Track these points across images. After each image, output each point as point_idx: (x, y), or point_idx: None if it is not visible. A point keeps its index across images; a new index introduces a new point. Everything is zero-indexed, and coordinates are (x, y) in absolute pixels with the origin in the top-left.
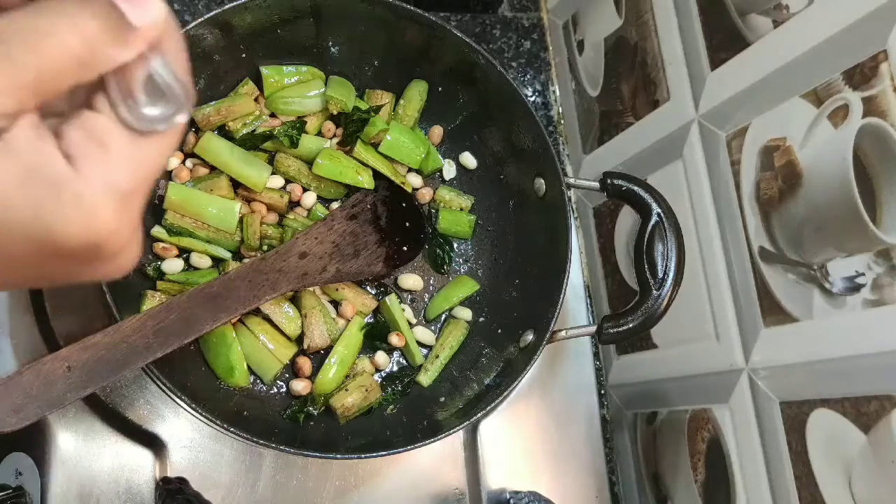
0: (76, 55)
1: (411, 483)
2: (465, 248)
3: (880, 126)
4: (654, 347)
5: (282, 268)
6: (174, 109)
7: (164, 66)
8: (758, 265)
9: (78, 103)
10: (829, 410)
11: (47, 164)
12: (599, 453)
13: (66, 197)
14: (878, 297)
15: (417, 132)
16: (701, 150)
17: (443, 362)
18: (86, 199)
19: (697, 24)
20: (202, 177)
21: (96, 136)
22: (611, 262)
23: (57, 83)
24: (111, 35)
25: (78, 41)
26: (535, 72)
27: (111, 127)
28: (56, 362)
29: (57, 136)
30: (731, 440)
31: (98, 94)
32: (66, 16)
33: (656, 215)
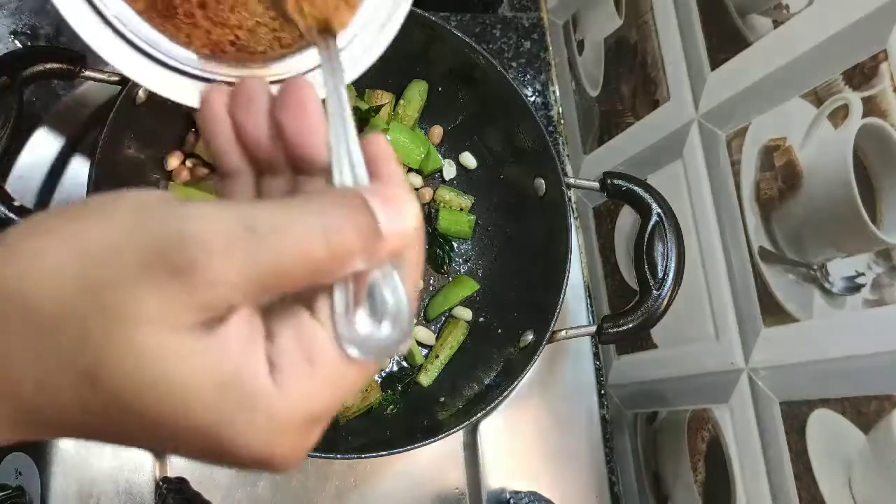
0: (317, 264)
1: (411, 483)
2: (465, 248)
3: (880, 126)
4: (654, 347)
5: None
6: (397, 335)
7: (398, 282)
8: (758, 265)
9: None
10: (830, 410)
11: (251, 376)
12: (599, 453)
13: (259, 415)
14: (878, 297)
15: (417, 132)
16: (701, 150)
17: (443, 362)
18: (277, 421)
19: (697, 24)
20: (202, 177)
21: (307, 351)
22: (611, 262)
23: (287, 285)
24: (360, 247)
25: (325, 251)
26: (536, 72)
27: (325, 344)
28: None
29: (268, 334)
30: (732, 440)
31: (321, 297)
32: (320, 222)
33: (656, 215)
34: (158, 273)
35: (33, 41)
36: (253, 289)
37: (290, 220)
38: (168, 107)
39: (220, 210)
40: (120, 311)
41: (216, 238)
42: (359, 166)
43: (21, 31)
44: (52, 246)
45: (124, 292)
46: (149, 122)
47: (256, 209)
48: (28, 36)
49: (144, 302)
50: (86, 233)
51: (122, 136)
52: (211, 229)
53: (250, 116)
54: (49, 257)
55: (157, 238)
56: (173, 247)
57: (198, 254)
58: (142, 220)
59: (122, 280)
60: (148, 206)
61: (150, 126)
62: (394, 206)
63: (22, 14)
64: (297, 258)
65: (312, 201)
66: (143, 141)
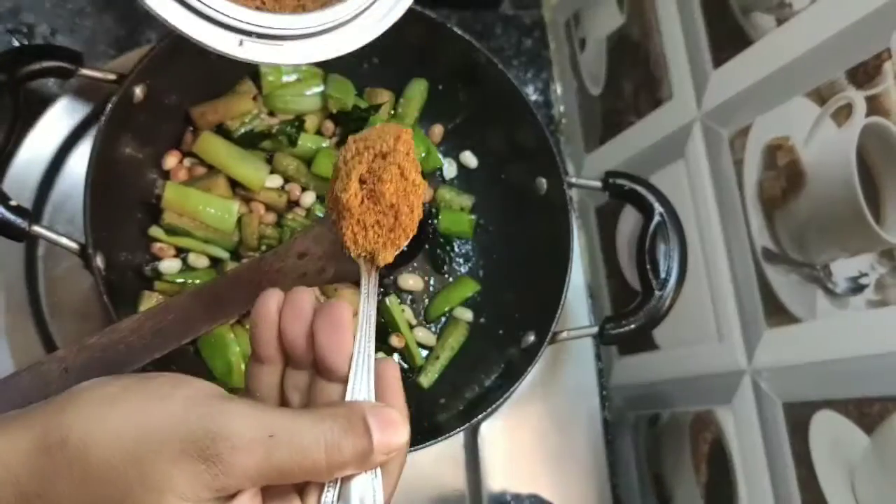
0: (317, 469)
1: (411, 485)
2: (466, 248)
3: (884, 125)
4: (656, 348)
5: (280, 268)
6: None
7: (378, 488)
8: (761, 265)
9: None
10: (833, 412)
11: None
12: (601, 455)
13: None
14: (882, 298)
15: (417, 131)
16: (704, 149)
17: (443, 363)
18: None
19: (700, 21)
20: (200, 176)
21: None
22: (613, 263)
23: (288, 480)
24: (355, 461)
25: (324, 462)
26: (537, 70)
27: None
28: (53, 363)
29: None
30: (734, 442)
31: (312, 487)
32: (325, 438)
33: (659, 215)
34: (192, 457)
35: (30, 39)
36: (262, 479)
37: (302, 433)
38: (165, 105)
39: (251, 414)
40: (157, 481)
41: (243, 438)
42: (369, 384)
43: (18, 29)
44: (116, 415)
45: (164, 467)
46: (146, 120)
47: (280, 420)
48: (25, 34)
49: (177, 478)
50: (145, 412)
51: (119, 135)
52: (240, 430)
53: (295, 324)
54: (112, 424)
55: (197, 429)
56: (207, 439)
57: (223, 448)
58: (189, 411)
59: (164, 458)
60: (197, 399)
61: (148, 125)
62: (389, 428)
63: (19, 12)
64: (302, 464)
65: (324, 419)
66: (140, 140)
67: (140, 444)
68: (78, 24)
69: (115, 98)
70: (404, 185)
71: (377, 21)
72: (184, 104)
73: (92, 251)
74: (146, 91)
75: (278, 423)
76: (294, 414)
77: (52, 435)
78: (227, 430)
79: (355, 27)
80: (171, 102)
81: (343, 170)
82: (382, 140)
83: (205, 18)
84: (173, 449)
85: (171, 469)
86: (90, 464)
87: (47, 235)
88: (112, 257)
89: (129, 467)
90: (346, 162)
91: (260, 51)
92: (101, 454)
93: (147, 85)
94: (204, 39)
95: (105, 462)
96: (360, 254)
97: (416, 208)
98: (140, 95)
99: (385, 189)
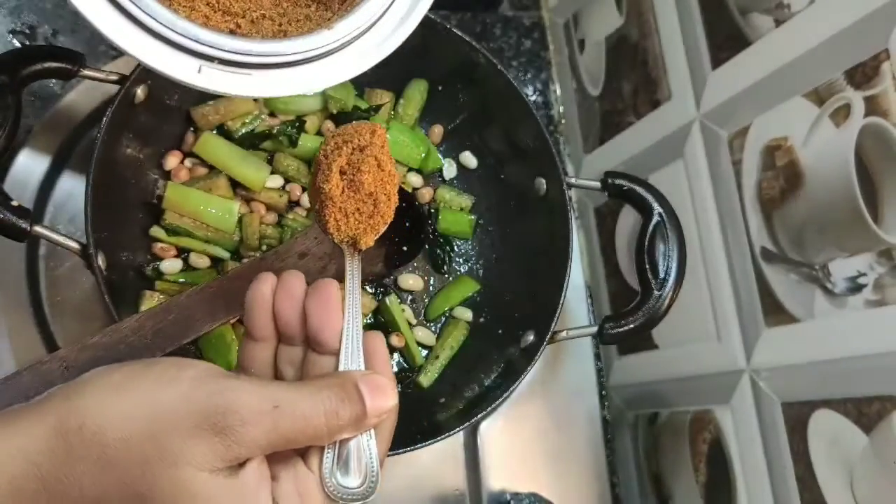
0: (318, 434)
1: (411, 484)
2: (466, 248)
3: (882, 125)
4: (655, 348)
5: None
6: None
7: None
8: (759, 265)
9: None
10: (831, 411)
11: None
12: (600, 454)
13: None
14: (880, 298)
15: (417, 131)
16: (702, 149)
17: (443, 363)
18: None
19: (699, 22)
20: (201, 176)
21: (301, 492)
22: (612, 263)
23: (293, 446)
24: (352, 424)
25: (325, 427)
26: (536, 71)
27: (314, 489)
28: (54, 363)
29: (273, 477)
30: (733, 441)
31: (313, 451)
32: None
33: (658, 215)
34: (205, 431)
35: (32, 40)
36: (269, 447)
37: (303, 402)
38: (166, 106)
39: (256, 388)
40: (174, 455)
41: (250, 411)
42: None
43: (19, 30)
44: (127, 399)
45: (180, 441)
46: (147, 121)
47: (282, 391)
48: (26, 35)
49: (193, 450)
50: (155, 394)
51: (120, 136)
52: (248, 403)
53: (288, 304)
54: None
55: (207, 406)
56: (219, 414)
57: (234, 421)
58: (197, 390)
59: (180, 433)
60: (202, 379)
61: (149, 125)
62: (379, 392)
63: (20, 13)
64: (305, 430)
65: (322, 389)
66: (141, 140)
67: (153, 422)
68: (79, 24)
69: (117, 99)
70: (381, 176)
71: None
72: (185, 105)
73: (93, 251)
74: (147, 91)
75: (281, 395)
76: (294, 386)
77: (69, 420)
78: (235, 405)
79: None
80: (172, 103)
81: (324, 163)
82: (359, 135)
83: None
84: (187, 425)
85: (186, 443)
86: (108, 444)
87: (48, 235)
88: (113, 257)
89: (146, 443)
90: (327, 155)
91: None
92: (117, 434)
93: (148, 85)
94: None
95: (122, 441)
96: (343, 239)
97: (393, 196)
98: (141, 96)
99: (364, 179)
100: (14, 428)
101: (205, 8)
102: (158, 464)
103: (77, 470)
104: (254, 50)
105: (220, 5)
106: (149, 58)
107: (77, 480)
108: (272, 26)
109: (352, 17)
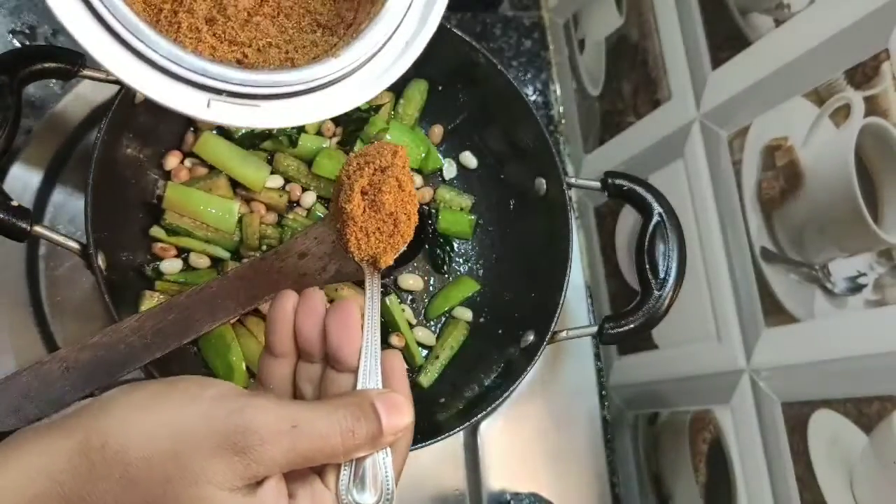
0: (335, 453)
1: (411, 484)
2: (466, 248)
3: (882, 125)
4: (655, 348)
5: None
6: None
7: (389, 465)
8: (759, 265)
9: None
10: (831, 411)
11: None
12: (600, 454)
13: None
14: (880, 298)
15: (417, 131)
16: (702, 149)
17: (443, 363)
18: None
19: (699, 22)
20: (201, 176)
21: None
22: (612, 263)
23: (310, 465)
24: (368, 443)
25: (341, 446)
26: (536, 71)
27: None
28: (54, 363)
29: (290, 495)
30: (733, 441)
31: (330, 469)
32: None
33: (658, 215)
34: (226, 451)
35: (32, 40)
36: (287, 465)
37: (321, 421)
38: None
39: (275, 408)
40: (195, 474)
41: (269, 431)
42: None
43: (19, 30)
44: (150, 419)
45: (201, 461)
46: (147, 121)
47: (301, 411)
48: (27, 35)
49: (213, 469)
50: (177, 414)
51: (120, 136)
52: (266, 423)
53: (309, 321)
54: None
55: (227, 425)
56: (237, 434)
57: (254, 441)
58: (217, 409)
59: (201, 453)
60: (223, 398)
61: (149, 125)
62: (395, 411)
63: (20, 13)
64: (323, 449)
65: (339, 408)
66: (141, 140)
67: (176, 442)
68: None
69: (117, 99)
70: (402, 196)
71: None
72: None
73: (93, 251)
74: None
75: (299, 414)
76: (312, 405)
77: (92, 439)
78: (255, 424)
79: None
80: None
81: (346, 183)
82: (381, 156)
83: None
84: (208, 444)
85: (207, 462)
86: (130, 463)
87: (49, 236)
88: (113, 257)
89: (168, 462)
90: (349, 176)
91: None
92: (139, 454)
93: None
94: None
95: (144, 460)
96: (364, 258)
97: (413, 216)
98: (141, 96)
99: (385, 199)
100: (38, 446)
101: (211, 39)
102: (180, 482)
103: (99, 488)
104: (261, 81)
105: (226, 35)
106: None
107: (99, 499)
108: (279, 54)
109: (358, 43)
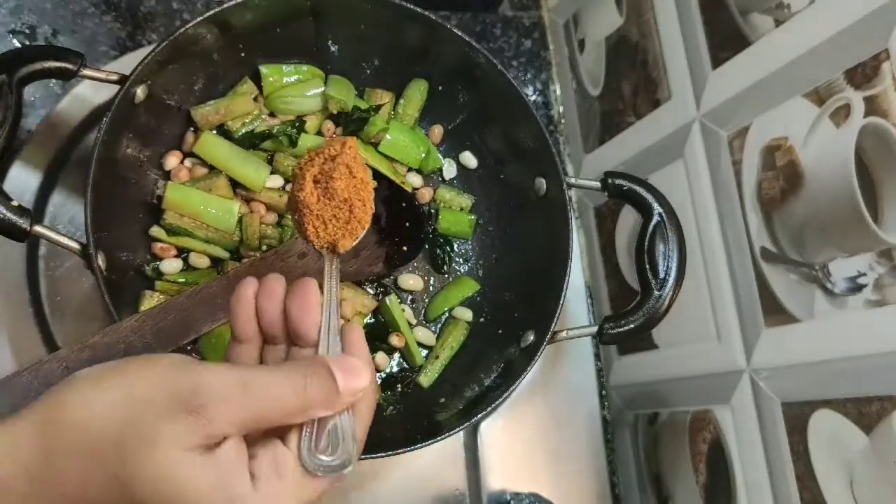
0: (290, 411)
1: (411, 484)
2: (466, 248)
3: (882, 125)
4: (655, 348)
5: (281, 268)
6: (343, 461)
7: (349, 426)
8: (759, 265)
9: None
10: (831, 411)
11: (237, 482)
12: (600, 454)
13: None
14: (880, 298)
15: (417, 131)
16: (702, 149)
17: (443, 363)
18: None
19: (699, 23)
20: (201, 176)
21: (279, 467)
22: (612, 263)
23: (267, 424)
24: (323, 401)
25: (296, 403)
26: (536, 71)
27: (291, 463)
28: (54, 363)
29: (251, 456)
30: (733, 441)
31: (292, 431)
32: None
33: (658, 215)
34: (179, 412)
35: (32, 40)
36: (242, 424)
37: (273, 380)
38: (167, 106)
39: (225, 369)
40: (151, 436)
41: (219, 389)
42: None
43: (19, 30)
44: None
45: (156, 424)
46: (147, 121)
47: (251, 371)
48: (26, 35)
49: (168, 431)
50: (132, 382)
51: (120, 136)
52: (217, 382)
53: (271, 303)
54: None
55: (180, 388)
56: (190, 394)
57: (206, 400)
58: (171, 375)
59: (155, 416)
60: (177, 365)
61: (149, 125)
62: (352, 373)
63: (20, 13)
64: (275, 406)
65: (292, 368)
66: (141, 140)
67: (131, 408)
68: (79, 24)
69: (117, 99)
70: (354, 183)
71: None
72: (185, 105)
73: (93, 251)
74: (147, 91)
75: (250, 375)
76: (265, 368)
77: (52, 415)
78: (205, 385)
79: None
80: (172, 103)
81: (299, 174)
82: (331, 146)
83: None
84: (162, 407)
85: (162, 424)
86: (89, 434)
87: (49, 235)
88: (113, 257)
89: (125, 429)
90: (301, 168)
91: None
92: (98, 424)
93: (148, 85)
94: None
95: (102, 430)
96: (323, 245)
97: (368, 202)
98: (141, 96)
99: (336, 186)
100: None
101: None
102: (139, 447)
103: (62, 464)
104: None
105: None
106: None
107: (64, 475)
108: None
109: None
